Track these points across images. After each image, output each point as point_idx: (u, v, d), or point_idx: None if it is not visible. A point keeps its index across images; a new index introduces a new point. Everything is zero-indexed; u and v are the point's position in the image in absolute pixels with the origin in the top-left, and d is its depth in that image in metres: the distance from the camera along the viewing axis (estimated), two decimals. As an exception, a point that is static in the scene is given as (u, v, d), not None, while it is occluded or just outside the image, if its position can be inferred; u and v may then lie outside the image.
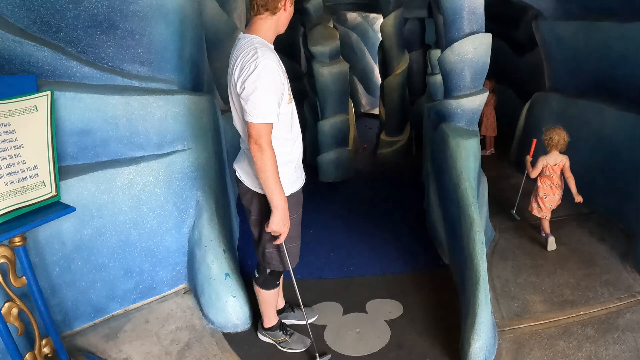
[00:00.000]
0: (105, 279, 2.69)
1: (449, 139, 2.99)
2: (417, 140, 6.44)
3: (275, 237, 2.12)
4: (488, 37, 3.01)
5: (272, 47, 1.98)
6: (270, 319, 2.59)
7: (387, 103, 6.16)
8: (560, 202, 3.42)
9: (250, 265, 3.35)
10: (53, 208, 2.00)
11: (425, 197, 4.20)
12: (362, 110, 9.92)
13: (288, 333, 2.62)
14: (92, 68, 2.65)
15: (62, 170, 2.42)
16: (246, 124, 1.88)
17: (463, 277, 2.70)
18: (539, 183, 3.40)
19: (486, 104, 4.84)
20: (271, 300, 2.52)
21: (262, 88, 1.80)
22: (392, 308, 2.91)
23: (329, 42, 5.05)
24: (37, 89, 2.04)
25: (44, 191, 1.98)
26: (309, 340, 2.59)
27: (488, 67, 3.10)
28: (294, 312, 2.83)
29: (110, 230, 2.65)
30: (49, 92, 2.02)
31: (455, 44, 3.01)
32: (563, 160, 3.29)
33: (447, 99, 3.19)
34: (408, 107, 6.55)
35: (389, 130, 6.34)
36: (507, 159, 5.46)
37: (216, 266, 2.70)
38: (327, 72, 5.01)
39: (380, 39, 6.05)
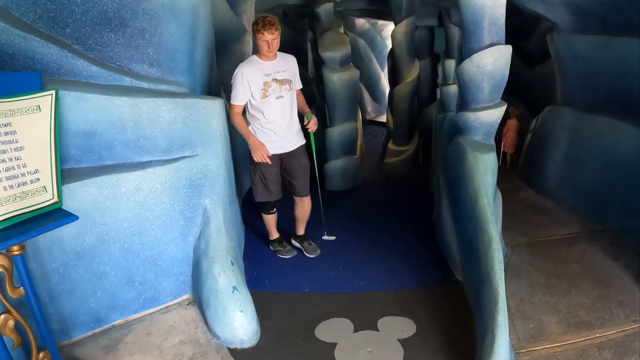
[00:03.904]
0: (106, 288, 2.58)
1: (466, 152, 2.89)
2: (424, 150, 6.36)
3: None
4: (508, 49, 2.93)
5: None
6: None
7: (396, 112, 6.07)
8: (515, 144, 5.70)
9: (257, 276, 3.24)
10: (54, 215, 1.89)
11: (434, 208, 4.10)
12: (367, 118, 9.85)
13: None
14: (100, 67, 2.55)
15: (65, 174, 2.31)
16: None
17: (479, 296, 2.60)
18: (507, 134, 5.64)
19: (510, 129, 5.68)
20: None
21: None
22: (404, 326, 2.79)
23: (339, 48, 4.96)
24: (41, 88, 1.93)
25: (45, 197, 1.87)
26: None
27: (507, 79, 3.02)
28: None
29: (113, 238, 2.54)
30: (53, 91, 1.92)
31: (474, 55, 2.92)
32: (516, 123, 5.61)
33: (465, 111, 3.10)
34: (417, 116, 6.48)
35: (397, 139, 6.25)
36: (515, 172, 5.37)
37: (223, 279, 2.60)
38: (337, 79, 4.92)
39: (388, 46, 5.97)
